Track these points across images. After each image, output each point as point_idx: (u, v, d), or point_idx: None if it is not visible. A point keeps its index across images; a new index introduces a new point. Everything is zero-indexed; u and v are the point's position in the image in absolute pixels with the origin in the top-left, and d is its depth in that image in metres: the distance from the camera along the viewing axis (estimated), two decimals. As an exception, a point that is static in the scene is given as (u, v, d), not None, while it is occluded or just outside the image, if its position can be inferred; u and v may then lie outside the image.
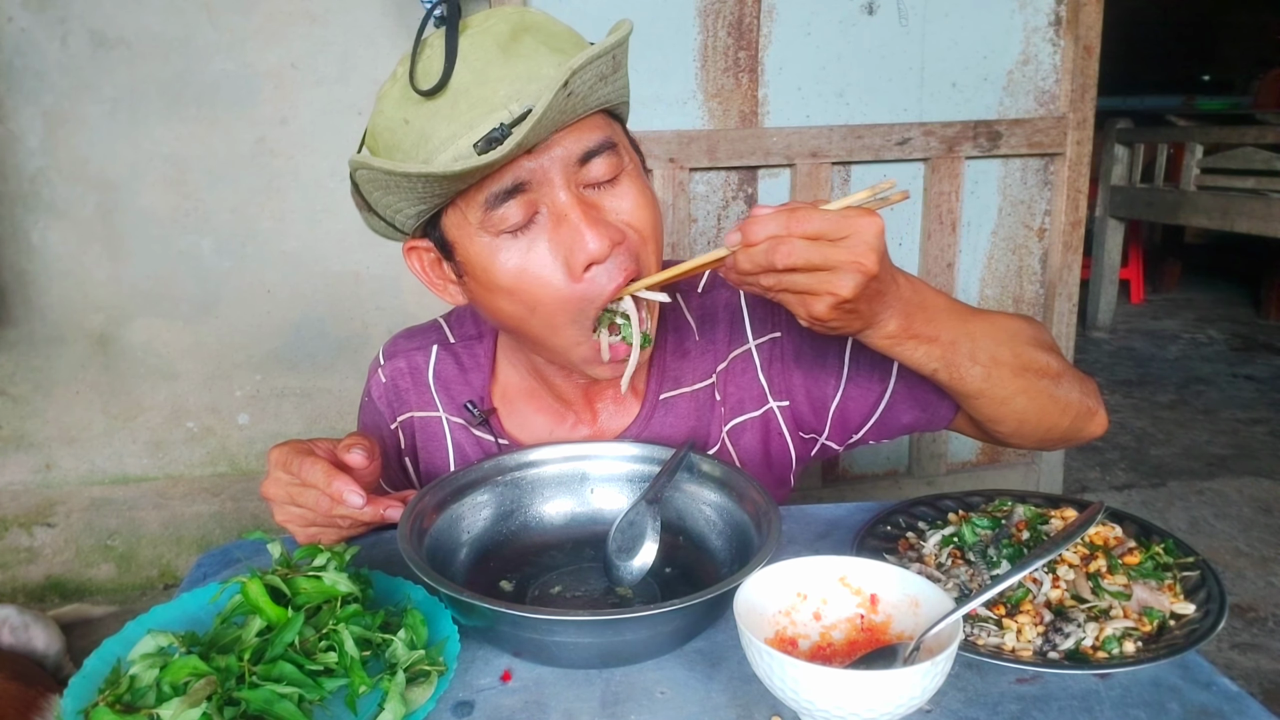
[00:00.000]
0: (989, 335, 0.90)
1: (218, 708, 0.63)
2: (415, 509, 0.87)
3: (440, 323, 1.16)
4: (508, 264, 0.87)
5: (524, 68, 0.82)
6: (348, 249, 2.57)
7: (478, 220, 0.86)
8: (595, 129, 0.86)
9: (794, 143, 2.23)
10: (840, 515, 1.02)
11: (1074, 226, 2.44)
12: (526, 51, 0.83)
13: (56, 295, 2.51)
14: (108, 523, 2.64)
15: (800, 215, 0.74)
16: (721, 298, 1.11)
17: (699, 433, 1.08)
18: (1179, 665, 0.74)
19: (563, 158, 0.84)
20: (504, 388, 1.10)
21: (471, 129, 0.81)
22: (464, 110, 0.81)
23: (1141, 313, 5.71)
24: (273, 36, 2.40)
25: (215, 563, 0.98)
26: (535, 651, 0.76)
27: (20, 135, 2.40)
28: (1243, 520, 2.95)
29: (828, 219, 0.74)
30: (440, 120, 0.82)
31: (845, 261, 0.74)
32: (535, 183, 0.84)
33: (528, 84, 0.82)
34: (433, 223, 0.90)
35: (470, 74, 0.82)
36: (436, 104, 0.82)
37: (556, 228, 0.86)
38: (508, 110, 0.81)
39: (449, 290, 0.97)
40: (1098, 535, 0.87)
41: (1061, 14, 2.31)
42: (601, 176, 0.87)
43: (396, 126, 0.85)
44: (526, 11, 0.86)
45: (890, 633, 0.72)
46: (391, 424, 1.14)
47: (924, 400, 1.05)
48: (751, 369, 1.09)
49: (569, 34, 0.88)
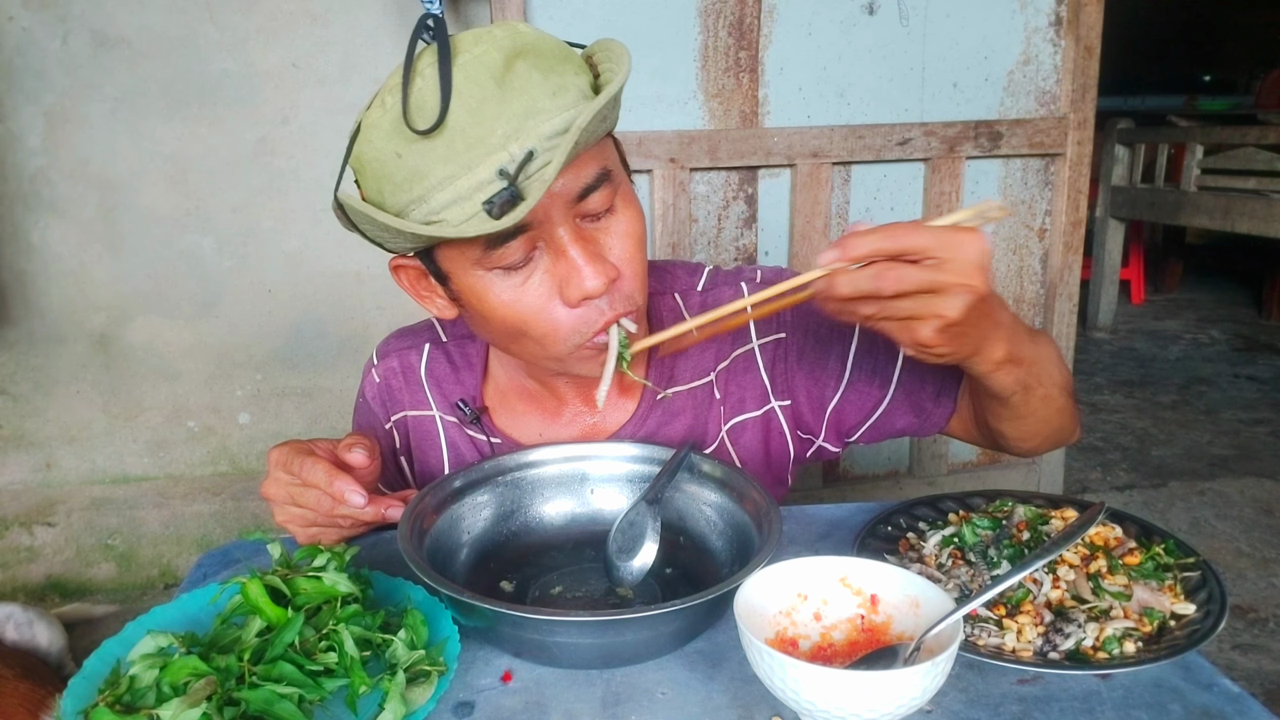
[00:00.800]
0: (1047, 357, 0.90)
1: (218, 708, 0.63)
2: (415, 509, 0.87)
3: (434, 322, 1.16)
4: (503, 295, 0.87)
5: (520, 104, 0.80)
6: (349, 249, 2.57)
7: (475, 258, 0.85)
8: (592, 160, 0.85)
9: (795, 143, 2.23)
10: (841, 516, 1.02)
11: (1075, 227, 2.44)
12: (520, 83, 0.80)
13: (57, 294, 2.51)
14: (108, 522, 2.64)
15: (904, 233, 0.70)
16: (725, 295, 1.10)
17: (696, 430, 1.08)
18: (1180, 666, 0.74)
19: (563, 195, 0.83)
20: (496, 386, 1.11)
21: (470, 170, 0.79)
22: (461, 151, 0.79)
23: (1143, 313, 5.70)
24: (274, 36, 2.40)
25: (215, 563, 0.98)
26: (536, 652, 0.76)
27: (21, 134, 2.40)
28: (1244, 521, 2.95)
29: (934, 236, 0.70)
30: (435, 160, 0.80)
31: (952, 283, 0.70)
32: (535, 222, 0.83)
33: (525, 121, 0.79)
34: (426, 252, 0.90)
35: (466, 112, 0.79)
36: (432, 142, 0.80)
37: (555, 261, 0.86)
38: (508, 152, 0.79)
39: (435, 304, 0.96)
40: (1098, 536, 0.87)
41: (1062, 14, 2.31)
42: (598, 209, 0.87)
43: (388, 159, 0.82)
44: (517, 32, 0.83)
45: (891, 633, 0.72)
46: (386, 423, 1.14)
47: (920, 407, 1.06)
48: (754, 368, 1.09)
49: (557, 48, 0.85)
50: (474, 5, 2.40)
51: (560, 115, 0.80)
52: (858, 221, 0.74)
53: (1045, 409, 0.91)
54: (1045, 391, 0.89)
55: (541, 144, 0.79)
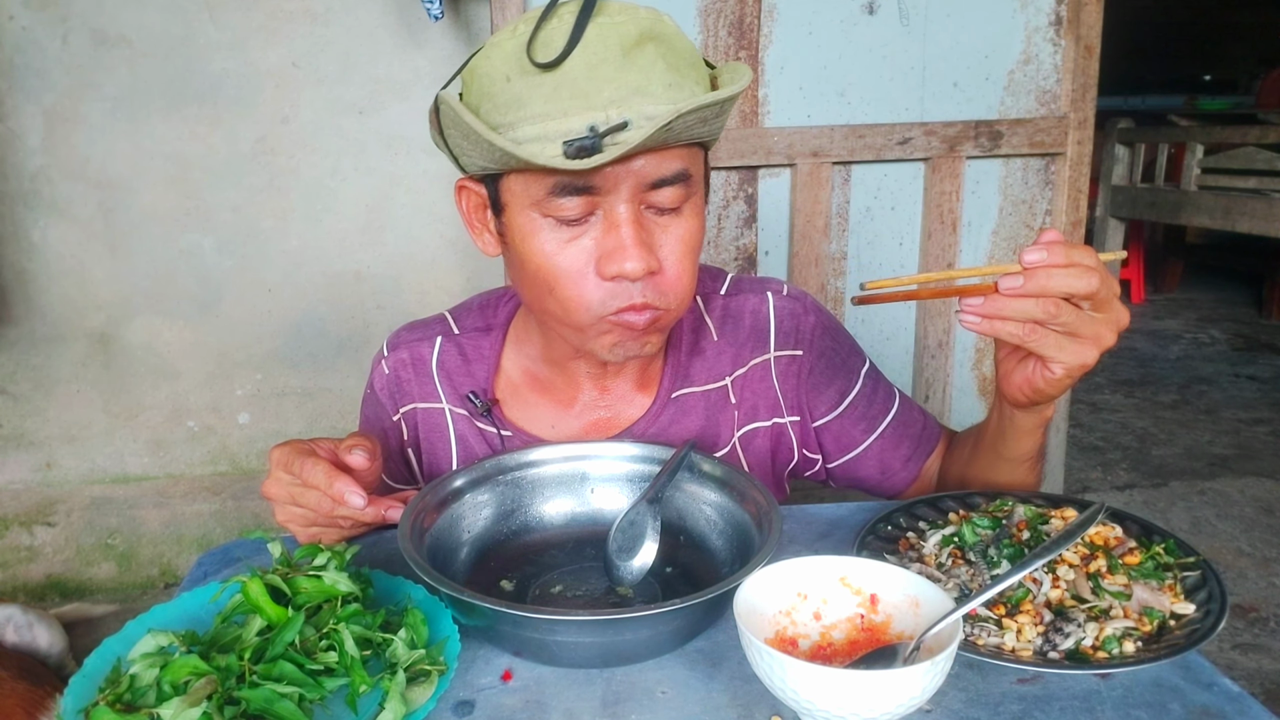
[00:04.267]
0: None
1: (218, 707, 0.63)
2: (416, 508, 0.87)
3: (445, 315, 1.16)
4: (546, 246, 0.88)
5: (636, 79, 0.82)
6: (349, 248, 2.57)
7: (536, 199, 0.87)
8: (677, 158, 0.87)
9: (795, 142, 2.23)
10: (841, 515, 1.02)
11: (1075, 226, 2.44)
12: (644, 62, 0.82)
13: (57, 294, 2.51)
14: (108, 521, 2.64)
15: (1091, 268, 0.77)
16: (748, 303, 1.12)
17: (709, 432, 1.09)
18: (1180, 666, 0.74)
19: (637, 175, 0.85)
20: (509, 379, 1.11)
21: (565, 117, 0.81)
22: (565, 96, 0.81)
23: (1143, 313, 5.70)
24: (274, 35, 2.40)
25: (215, 562, 0.98)
26: (536, 651, 0.76)
27: (21, 134, 2.40)
28: (1244, 520, 2.95)
29: (1108, 287, 0.78)
30: (539, 95, 0.82)
31: (1104, 335, 0.81)
32: (604, 188, 0.85)
33: (633, 95, 0.81)
34: (493, 178, 0.91)
35: (584, 64, 0.81)
36: (542, 77, 0.82)
37: (606, 233, 0.87)
38: (605, 114, 0.81)
39: (484, 238, 0.98)
40: (1098, 535, 0.86)
41: (1062, 14, 2.31)
42: (665, 204, 0.88)
43: (497, 79, 0.85)
44: (660, 19, 0.86)
45: (890, 633, 0.72)
46: (394, 415, 1.14)
47: (888, 465, 1.14)
48: (769, 378, 1.11)
49: (690, 53, 0.87)
50: (474, 5, 2.40)
51: (667, 105, 0.82)
52: (1050, 228, 0.81)
53: (1035, 472, 1.02)
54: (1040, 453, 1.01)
55: (638, 119, 0.81)
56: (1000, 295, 0.77)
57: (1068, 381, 0.84)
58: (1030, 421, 0.94)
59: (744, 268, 2.26)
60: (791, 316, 1.11)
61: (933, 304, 2.32)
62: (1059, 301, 0.77)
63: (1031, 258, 0.76)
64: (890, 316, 2.35)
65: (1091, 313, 0.79)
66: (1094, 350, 0.81)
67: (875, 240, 2.32)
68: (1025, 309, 0.77)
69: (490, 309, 1.14)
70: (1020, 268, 0.77)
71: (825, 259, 2.26)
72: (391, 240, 2.57)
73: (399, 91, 2.47)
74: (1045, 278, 0.76)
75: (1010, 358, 0.88)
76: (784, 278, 2.28)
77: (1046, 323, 0.78)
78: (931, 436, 1.16)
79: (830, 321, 1.14)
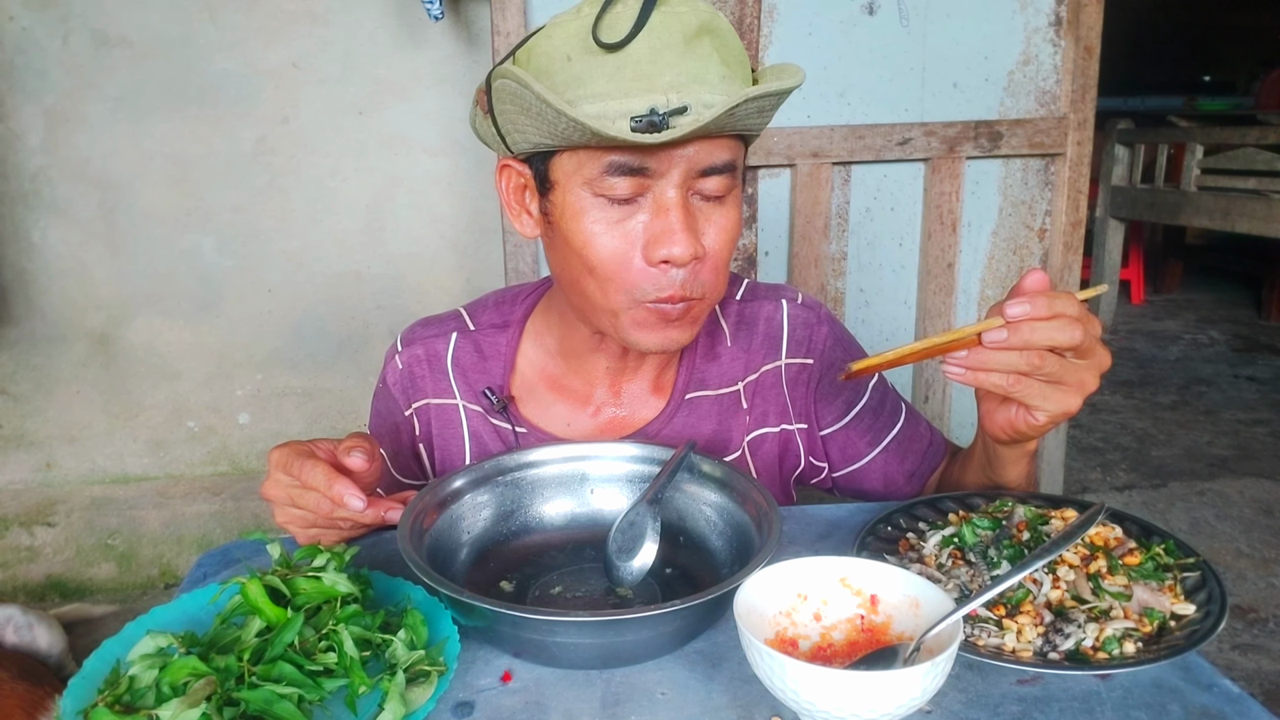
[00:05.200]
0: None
1: (217, 708, 0.63)
2: (415, 509, 0.87)
3: (460, 311, 1.16)
4: (594, 225, 0.89)
5: (695, 67, 0.84)
6: (349, 249, 2.57)
7: (589, 177, 0.88)
8: (727, 148, 0.89)
9: (795, 143, 2.23)
10: (841, 516, 1.02)
11: (1074, 227, 2.44)
12: (703, 53, 0.85)
13: (57, 294, 2.51)
14: (108, 522, 2.64)
15: (1078, 319, 0.77)
16: (764, 310, 1.13)
17: (720, 436, 1.11)
18: (1180, 666, 0.74)
19: (690, 160, 0.87)
20: (524, 377, 1.11)
21: (626, 98, 0.83)
22: (628, 79, 0.83)
23: (1142, 313, 5.71)
24: (274, 36, 2.40)
25: (215, 563, 0.98)
26: (535, 652, 0.76)
27: (21, 134, 2.40)
28: (1244, 521, 2.95)
29: (1092, 335, 0.79)
30: (601, 75, 0.84)
31: (1087, 382, 0.81)
32: (657, 171, 0.87)
33: (691, 82, 0.84)
34: (542, 157, 0.92)
35: (648, 48, 0.83)
36: (605, 59, 0.84)
37: (654, 217, 0.88)
38: (666, 97, 0.83)
39: (523, 220, 0.98)
40: (1098, 536, 0.86)
41: (1062, 14, 2.31)
42: (711, 192, 0.90)
43: (558, 58, 0.86)
44: (716, 15, 0.88)
45: (890, 633, 0.71)
46: (406, 411, 1.14)
47: (891, 478, 1.15)
48: (779, 385, 1.13)
49: (740, 51, 0.91)
50: (474, 5, 2.40)
51: (721, 95, 0.84)
52: (1035, 269, 0.79)
53: (1027, 479, 1.03)
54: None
55: (697, 106, 0.83)
56: (984, 348, 0.77)
57: (1050, 426, 0.85)
58: (1013, 454, 0.95)
59: (744, 268, 2.26)
60: (804, 325, 1.13)
61: (933, 305, 2.32)
62: (1043, 353, 0.77)
63: (1014, 311, 0.76)
64: (890, 317, 2.36)
65: (1075, 360, 0.80)
66: (1077, 398, 0.82)
67: (875, 241, 2.32)
68: (1009, 361, 0.77)
69: (507, 306, 1.14)
70: (1003, 321, 0.77)
71: (825, 259, 2.26)
72: (391, 240, 2.57)
73: (399, 92, 2.47)
74: (1029, 331, 0.76)
75: (991, 398, 0.88)
76: (784, 278, 2.28)
77: (1031, 374, 0.78)
78: (937, 453, 1.17)
79: (842, 333, 1.16)
